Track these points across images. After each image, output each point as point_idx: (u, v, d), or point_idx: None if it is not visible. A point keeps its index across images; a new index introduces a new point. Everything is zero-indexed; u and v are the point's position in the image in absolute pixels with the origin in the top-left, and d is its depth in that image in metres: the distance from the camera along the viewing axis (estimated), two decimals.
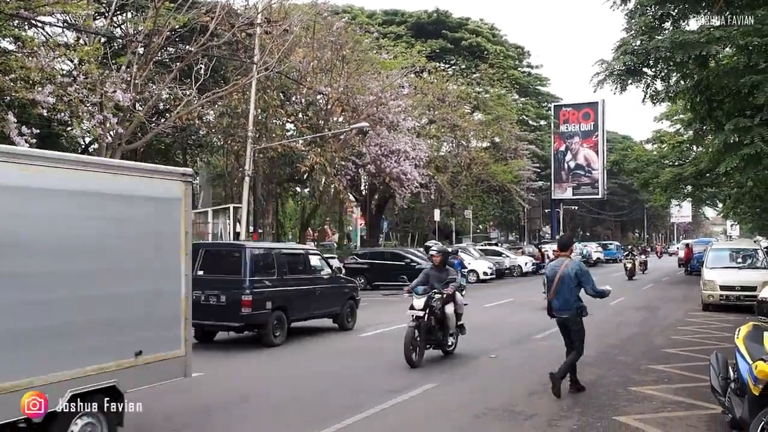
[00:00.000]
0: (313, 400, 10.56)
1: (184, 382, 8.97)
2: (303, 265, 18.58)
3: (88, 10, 24.85)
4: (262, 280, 16.20)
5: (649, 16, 14.56)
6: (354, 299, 20.05)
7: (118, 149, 29.09)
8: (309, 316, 18.24)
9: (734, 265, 24.41)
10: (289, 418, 9.56)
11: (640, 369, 12.82)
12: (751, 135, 13.18)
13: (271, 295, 16.25)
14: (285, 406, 10.13)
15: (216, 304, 15.73)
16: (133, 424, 8.27)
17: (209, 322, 15.83)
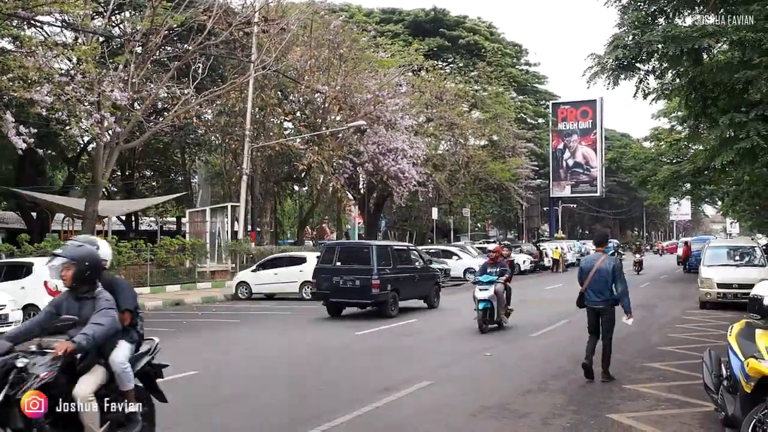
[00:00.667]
0: (306, 399, 10.59)
1: None
2: (407, 258, 24.15)
3: (85, 10, 24.87)
4: (384, 269, 21.46)
5: (642, 11, 14.57)
6: (438, 285, 26.05)
7: (116, 148, 29.14)
8: (410, 297, 23.64)
9: (732, 262, 24.38)
10: (283, 417, 9.59)
11: (635, 367, 12.82)
12: (746, 129, 13.18)
13: (389, 279, 21.62)
14: (281, 404, 10.14)
15: (352, 287, 21.25)
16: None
17: (346, 300, 21.98)
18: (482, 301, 17.60)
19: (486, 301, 17.57)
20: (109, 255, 7.38)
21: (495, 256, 19.08)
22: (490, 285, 17.76)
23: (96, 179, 29.59)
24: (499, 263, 18.72)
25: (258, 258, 31.99)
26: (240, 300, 28.60)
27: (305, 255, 29.96)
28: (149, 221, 56.82)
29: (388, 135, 41.01)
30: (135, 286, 28.20)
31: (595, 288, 11.74)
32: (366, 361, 13.97)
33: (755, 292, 7.72)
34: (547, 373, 12.27)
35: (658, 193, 44.08)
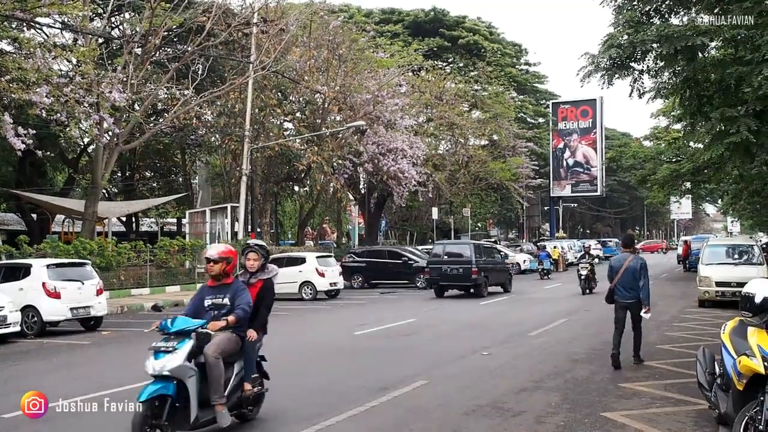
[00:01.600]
0: (301, 399, 10.61)
1: None
2: (492, 253, 32.57)
3: (84, 11, 24.91)
4: (479, 260, 28.57)
5: (637, 11, 14.58)
6: (510, 274, 33.14)
7: (115, 149, 29.21)
8: (495, 283, 30.53)
9: (730, 261, 24.36)
10: (277, 417, 9.62)
11: (632, 365, 12.84)
12: (737, 124, 13.21)
13: (482, 268, 28.74)
14: (275, 404, 10.16)
15: (456, 274, 28.45)
16: None
17: (452, 283, 29.08)
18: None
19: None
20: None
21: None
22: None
23: (95, 180, 29.66)
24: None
25: None
26: None
27: (304, 255, 30.02)
28: (150, 222, 56.83)
29: (388, 135, 41.06)
30: (134, 287, 28.52)
31: (624, 285, 12.91)
32: (363, 360, 13.99)
33: (747, 289, 7.73)
34: (543, 372, 12.29)
35: (657, 192, 44.13)
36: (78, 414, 8.90)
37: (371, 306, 25.85)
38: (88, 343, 17.21)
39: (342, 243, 52.39)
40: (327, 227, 69.36)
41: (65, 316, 18.76)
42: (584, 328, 18.59)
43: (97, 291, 19.68)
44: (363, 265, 35.54)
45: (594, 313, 22.03)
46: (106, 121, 25.38)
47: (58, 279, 18.90)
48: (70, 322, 19.34)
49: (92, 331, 19.35)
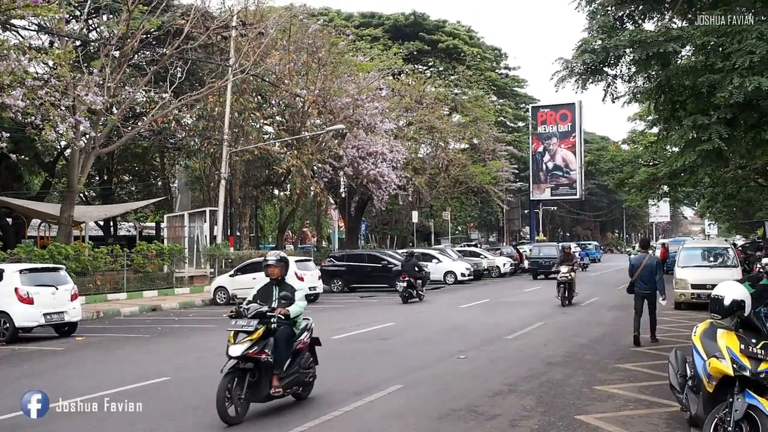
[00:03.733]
0: (277, 404, 10.53)
1: None
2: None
3: (60, 14, 24.72)
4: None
5: (610, 16, 14.64)
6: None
7: (92, 153, 29.04)
8: None
9: (706, 263, 24.53)
10: (251, 423, 9.57)
11: (607, 368, 12.88)
12: (708, 132, 13.31)
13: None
14: (251, 410, 10.10)
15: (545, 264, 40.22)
16: None
17: (544, 271, 41.22)
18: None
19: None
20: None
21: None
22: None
23: (71, 184, 29.46)
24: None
25: (237, 263, 31.88)
26: (218, 305, 28.52)
27: None
28: (128, 226, 56.53)
29: (368, 139, 41.06)
30: (111, 291, 28.32)
31: (643, 278, 16.07)
32: (340, 364, 13.92)
33: (716, 292, 7.76)
34: (518, 375, 12.28)
35: (635, 195, 44.33)
36: (47, 422, 8.82)
37: (350, 310, 25.80)
38: (61, 349, 17.03)
39: (322, 247, 52.33)
40: (307, 231, 69.19)
41: (38, 321, 18.54)
42: (560, 331, 18.61)
43: (72, 296, 19.46)
44: (343, 269, 35.45)
45: (571, 316, 22.12)
46: (83, 125, 25.19)
47: (32, 284, 18.66)
48: (43, 328, 19.13)
49: (66, 337, 19.13)
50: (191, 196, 45.34)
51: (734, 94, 12.40)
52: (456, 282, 39.03)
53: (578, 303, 25.62)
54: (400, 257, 36.12)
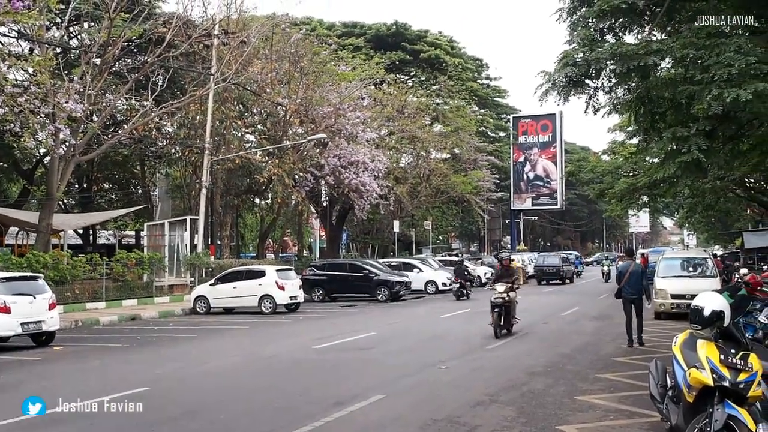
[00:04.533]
0: (258, 414, 10.49)
1: None
2: (569, 260, 51.91)
3: (41, 21, 24.58)
4: (564, 263, 48.49)
5: (591, 29, 14.74)
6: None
7: (71, 161, 28.87)
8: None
9: (685, 273, 24.77)
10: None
11: (588, 378, 12.90)
12: (688, 144, 13.44)
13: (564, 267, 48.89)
14: (231, 420, 10.05)
15: (551, 272, 48.32)
16: None
17: (549, 278, 48.82)
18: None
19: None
20: None
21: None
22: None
23: (51, 192, 29.27)
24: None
25: (217, 271, 31.78)
26: (198, 314, 28.40)
27: (264, 268, 29.80)
28: (107, 235, 56.21)
29: (350, 148, 41.06)
30: (90, 300, 28.12)
31: (630, 284, 17.48)
32: (322, 374, 13.90)
33: (696, 303, 7.80)
34: (499, 385, 12.28)
35: (615, 206, 44.54)
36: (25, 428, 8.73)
37: (331, 319, 25.74)
38: (39, 359, 16.85)
39: (303, 256, 52.23)
40: (288, 240, 69.03)
41: (15, 331, 18.30)
42: (541, 341, 18.67)
43: (50, 305, 19.24)
44: (324, 279, 35.37)
45: (552, 325, 22.17)
46: (62, 132, 25.02)
47: (9, 293, 18.40)
48: (20, 338, 18.93)
49: (44, 347, 18.88)
50: (171, 204, 45.14)
51: (713, 106, 12.53)
52: (437, 291, 39.06)
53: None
54: (382, 267, 36.19)
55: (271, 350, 17.78)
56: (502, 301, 19.18)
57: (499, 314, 19.15)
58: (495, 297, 19.25)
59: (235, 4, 35.90)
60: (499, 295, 19.23)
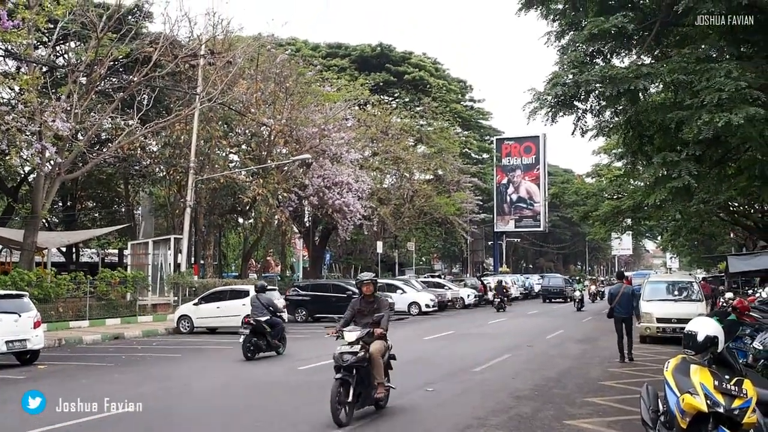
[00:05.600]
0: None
1: None
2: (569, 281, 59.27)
3: (28, 40, 24.56)
4: (567, 285, 54.25)
5: (581, 52, 14.89)
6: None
7: (57, 179, 28.74)
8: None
9: (670, 297, 24.75)
10: None
11: (576, 402, 12.91)
12: (678, 169, 13.57)
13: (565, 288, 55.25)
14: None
15: (555, 291, 55.20)
16: None
17: (553, 297, 54.95)
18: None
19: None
20: None
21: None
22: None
23: (35, 210, 29.12)
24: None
25: (201, 291, 31.67)
26: (182, 334, 28.27)
27: (248, 288, 29.64)
28: (90, 253, 55.89)
29: (334, 168, 41.12)
30: (73, 319, 27.94)
31: (621, 305, 19.15)
32: (305, 396, 13.84)
33: (689, 328, 7.86)
34: (487, 408, 12.28)
35: (599, 228, 44.74)
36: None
37: (315, 340, 25.61)
38: (23, 377, 16.73)
39: (286, 276, 52.11)
40: (271, 260, 68.83)
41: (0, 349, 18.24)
42: (527, 364, 18.66)
43: (35, 323, 19.15)
44: (307, 299, 35.28)
45: (537, 349, 22.17)
46: (49, 150, 24.97)
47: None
48: (4, 356, 18.80)
49: (28, 365, 18.78)
50: (155, 223, 45.00)
51: (703, 130, 12.66)
52: (420, 313, 39.03)
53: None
54: None
55: (256, 371, 17.71)
56: (355, 360, 11.64)
57: (344, 384, 11.48)
58: (340, 352, 11.82)
59: (221, 24, 36.07)
60: (348, 351, 11.79)
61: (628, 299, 19.39)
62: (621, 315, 19.18)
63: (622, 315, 19.18)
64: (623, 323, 19.10)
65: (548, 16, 16.23)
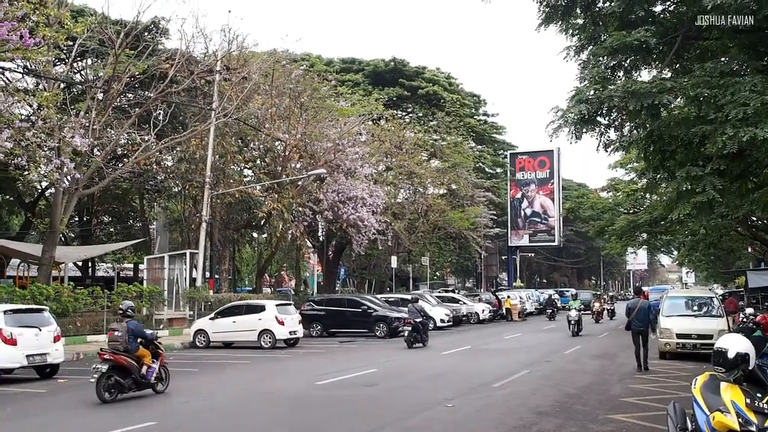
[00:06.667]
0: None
1: None
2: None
3: (48, 57, 24.76)
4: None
5: (602, 66, 14.89)
6: None
7: (74, 194, 28.91)
8: None
9: (690, 313, 24.37)
10: None
11: (598, 419, 12.81)
12: (702, 183, 13.51)
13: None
14: None
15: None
16: None
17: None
18: None
19: None
20: None
21: None
22: None
23: (54, 225, 29.28)
24: None
25: (216, 305, 31.72)
26: (198, 348, 28.32)
27: (264, 303, 29.74)
28: (106, 267, 56.14)
29: (348, 183, 41.17)
30: (91, 333, 28.05)
31: (639, 318, 20.27)
32: (325, 412, 13.82)
33: (719, 344, 7.79)
34: (508, 425, 12.20)
35: (615, 243, 44.59)
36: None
37: (331, 355, 25.66)
38: (44, 391, 16.81)
39: (300, 290, 52.14)
40: (285, 274, 68.88)
41: (21, 363, 18.31)
42: (546, 379, 18.56)
43: (55, 338, 19.28)
44: (322, 314, 35.27)
45: (555, 364, 22.09)
46: (67, 166, 25.13)
47: (15, 325, 18.41)
48: (24, 370, 18.88)
49: (48, 379, 18.91)
50: (169, 237, 45.15)
51: (728, 145, 12.61)
52: (435, 328, 38.86)
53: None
54: (380, 302, 36.08)
55: (274, 385, 17.71)
56: None
57: None
58: None
59: (236, 40, 36.23)
60: None
61: (645, 313, 20.50)
62: (638, 328, 20.26)
63: (639, 328, 20.26)
64: (640, 335, 20.17)
65: (568, 31, 16.26)
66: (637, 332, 20.27)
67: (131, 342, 15.30)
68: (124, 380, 15.03)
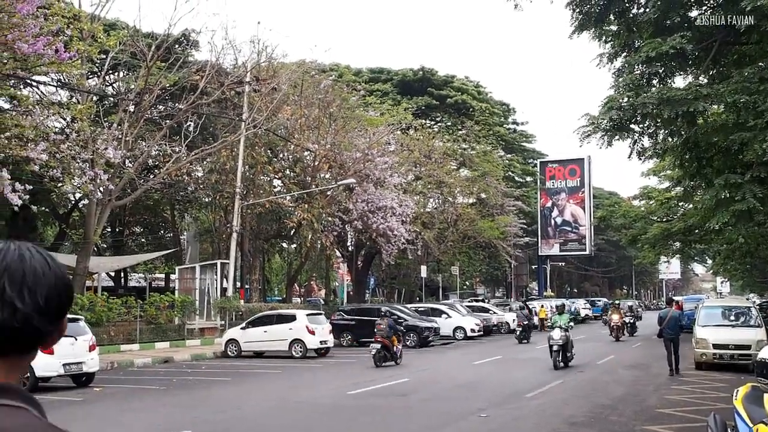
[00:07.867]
0: None
1: None
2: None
3: (81, 70, 25.06)
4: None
5: (637, 74, 14.80)
6: None
7: (108, 205, 29.20)
8: None
9: (727, 323, 23.83)
10: None
11: (634, 430, 12.68)
12: (742, 191, 13.33)
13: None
14: None
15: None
16: None
17: None
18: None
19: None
20: None
21: None
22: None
23: (88, 235, 29.58)
24: None
25: (247, 315, 31.84)
26: (229, 357, 28.41)
27: (295, 313, 29.80)
28: (138, 277, 56.59)
29: (377, 193, 41.20)
30: (124, 342, 28.34)
31: (670, 327, 21.75)
32: (357, 421, 13.78)
33: (762, 355, 7.70)
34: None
35: (648, 252, 44.19)
36: None
37: (361, 364, 25.58)
38: (80, 399, 16.97)
39: (329, 300, 52.18)
40: (314, 284, 69.05)
41: (58, 371, 18.52)
42: (579, 390, 18.42)
43: (90, 347, 19.50)
44: (352, 323, 35.23)
45: (587, 375, 21.91)
46: (100, 178, 25.39)
47: None
48: (61, 378, 19.08)
49: (83, 387, 19.08)
50: (200, 248, 45.43)
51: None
52: (465, 338, 38.74)
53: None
54: (410, 312, 36.00)
55: (307, 395, 17.71)
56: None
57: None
58: (552, 336, 23.64)
59: (265, 51, 36.45)
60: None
61: (675, 322, 22.15)
62: (669, 336, 21.71)
63: (670, 336, 21.70)
64: (671, 342, 21.53)
65: (601, 38, 16.20)
66: (669, 340, 21.61)
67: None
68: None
